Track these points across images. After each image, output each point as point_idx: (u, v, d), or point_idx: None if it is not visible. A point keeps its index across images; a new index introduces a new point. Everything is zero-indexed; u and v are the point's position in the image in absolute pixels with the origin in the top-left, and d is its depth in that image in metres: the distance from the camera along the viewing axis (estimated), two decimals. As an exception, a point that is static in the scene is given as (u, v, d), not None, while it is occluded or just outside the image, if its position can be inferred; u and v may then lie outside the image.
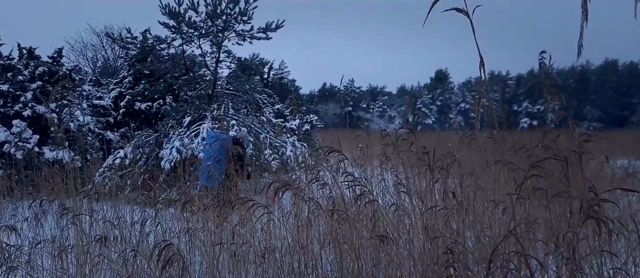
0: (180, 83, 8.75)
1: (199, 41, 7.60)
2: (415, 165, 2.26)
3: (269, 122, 9.92)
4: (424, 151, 2.20)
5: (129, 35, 7.56)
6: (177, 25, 7.02)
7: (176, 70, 8.45)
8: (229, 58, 8.42)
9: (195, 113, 8.21)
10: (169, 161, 7.07)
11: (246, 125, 8.02)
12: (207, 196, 5.86)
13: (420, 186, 2.59)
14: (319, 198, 2.40)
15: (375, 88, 56.57)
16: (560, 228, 1.56)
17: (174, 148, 7.21)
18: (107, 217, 3.33)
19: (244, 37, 7.66)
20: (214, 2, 6.81)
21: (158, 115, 8.84)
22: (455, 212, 1.83)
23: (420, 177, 2.37)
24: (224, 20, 7.20)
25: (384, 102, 53.48)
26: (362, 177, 2.96)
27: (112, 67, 15.44)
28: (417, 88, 54.57)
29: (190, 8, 6.83)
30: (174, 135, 7.66)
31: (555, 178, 1.54)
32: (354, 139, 4.63)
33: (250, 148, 7.54)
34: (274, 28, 7.57)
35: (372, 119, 48.75)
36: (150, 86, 8.50)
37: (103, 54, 17.89)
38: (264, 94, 10.37)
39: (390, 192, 3.18)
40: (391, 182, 3.56)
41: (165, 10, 6.67)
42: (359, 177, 3.72)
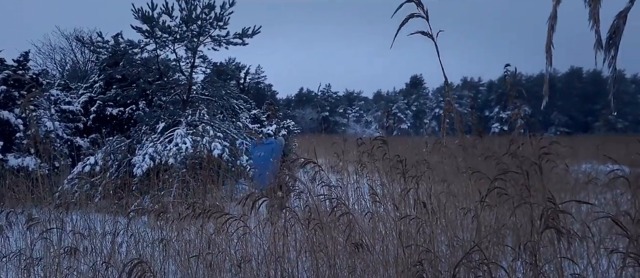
0: (154, 88, 8.58)
1: (173, 46, 7.49)
2: (389, 173, 2.31)
3: (245, 127, 9.85)
4: (398, 159, 2.25)
5: (100, 40, 7.37)
6: (150, 30, 6.89)
7: (150, 75, 8.28)
8: (205, 63, 8.32)
9: (170, 119, 8.07)
10: (141, 168, 6.91)
11: (222, 131, 7.94)
12: (181, 204, 5.77)
13: (394, 193, 2.65)
14: (295, 207, 2.41)
15: (351, 93, 57.05)
16: (525, 234, 1.64)
17: (147, 155, 7.06)
18: (77, 228, 3.23)
19: (219, 42, 7.60)
20: (188, 7, 6.73)
21: (130, 121, 8.63)
22: (427, 220, 1.88)
23: (395, 183, 2.43)
24: (199, 25, 7.12)
25: (361, 107, 53.98)
26: (338, 185, 2.99)
27: (82, 71, 14.96)
28: (392, 93, 55.40)
29: (165, 12, 6.73)
30: (147, 142, 7.49)
31: (521, 185, 1.62)
32: (331, 145, 4.67)
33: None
34: (251, 34, 7.55)
35: (348, 124, 49.10)
36: (123, 91, 8.30)
37: (72, 57, 17.32)
38: (240, 99, 10.29)
39: (365, 198, 3.23)
40: (366, 188, 3.61)
41: (138, 15, 6.55)
42: (335, 184, 3.76)
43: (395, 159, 2.26)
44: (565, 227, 1.25)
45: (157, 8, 6.62)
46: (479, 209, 1.58)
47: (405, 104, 49.82)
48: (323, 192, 2.29)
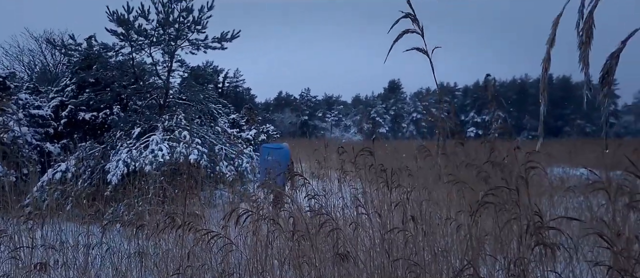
0: (129, 92, 8.35)
1: (149, 49, 7.31)
2: (373, 182, 2.31)
3: (224, 132, 9.70)
4: (381, 168, 2.25)
5: (73, 43, 7.11)
6: (125, 33, 6.71)
7: (125, 78, 8.05)
8: (182, 67, 8.16)
9: (146, 124, 7.86)
10: (116, 175, 6.70)
11: (200, 136, 7.79)
12: (158, 213, 5.62)
13: (378, 202, 2.64)
14: (279, 218, 2.37)
15: (330, 97, 57.25)
16: (508, 242, 1.66)
17: (122, 161, 6.84)
18: (48, 239, 3.08)
19: (198, 46, 7.47)
20: (166, 11, 6.59)
21: (104, 126, 8.36)
22: (413, 233, 1.88)
23: (378, 192, 2.42)
24: (177, 29, 6.99)
25: (340, 111, 54.23)
26: (322, 194, 2.97)
27: (52, 74, 14.41)
28: (371, 98, 55.89)
29: (141, 15, 6.56)
30: (122, 147, 7.27)
31: (505, 196, 1.64)
32: (313, 152, 4.65)
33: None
34: (230, 38, 7.45)
35: (328, 128, 49.23)
36: (96, 95, 8.04)
37: (41, 60, 16.68)
38: (219, 104, 10.14)
39: (348, 206, 3.22)
40: (349, 195, 3.60)
41: (113, 18, 6.36)
42: (319, 191, 3.73)
43: (379, 168, 2.26)
44: (552, 242, 1.27)
45: (133, 11, 6.45)
46: (469, 221, 1.59)
47: (384, 108, 50.37)
48: (308, 202, 2.26)
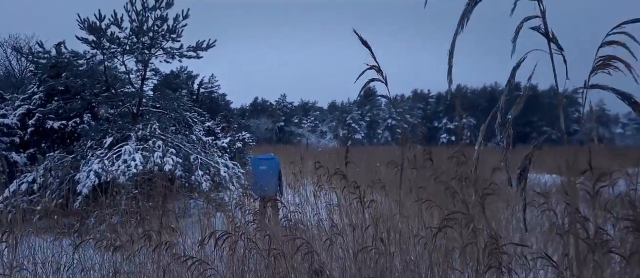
0: (101, 100, 8.16)
1: (122, 58, 7.19)
2: (347, 198, 2.39)
3: (199, 140, 9.59)
4: (355, 185, 2.33)
5: (41, 50, 6.91)
6: (97, 41, 6.58)
7: (96, 86, 7.87)
8: (157, 76, 8.06)
9: (118, 133, 7.70)
10: (86, 186, 6.53)
11: (175, 146, 7.70)
12: (131, 224, 5.54)
13: (353, 216, 2.73)
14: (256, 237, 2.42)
15: (307, 103, 57.38)
16: (472, 258, 1.78)
17: (92, 172, 6.68)
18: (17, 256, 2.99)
19: (172, 55, 7.41)
20: (139, 19, 6.51)
21: (74, 135, 8.13)
22: (384, 252, 1.98)
23: (352, 207, 2.51)
24: (151, 37, 6.91)
25: (316, 117, 54.41)
26: (298, 210, 3.03)
27: (18, 80, 13.87)
28: (347, 104, 56.37)
29: (113, 23, 6.46)
30: (93, 157, 7.10)
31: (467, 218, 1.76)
32: (289, 164, 4.71)
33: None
34: (205, 47, 7.42)
35: (304, 134, 49.26)
36: (65, 103, 7.82)
37: (6, 65, 16.03)
38: (194, 112, 10.03)
39: (323, 219, 3.29)
40: (325, 207, 3.67)
41: (84, 25, 6.23)
42: (295, 203, 3.78)
43: (353, 184, 2.34)
44: (507, 262, 1.38)
45: (105, 19, 6.34)
46: (432, 242, 1.70)
47: (359, 115, 50.90)
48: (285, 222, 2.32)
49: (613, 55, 1.14)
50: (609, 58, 1.15)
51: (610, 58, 1.15)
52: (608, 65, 1.16)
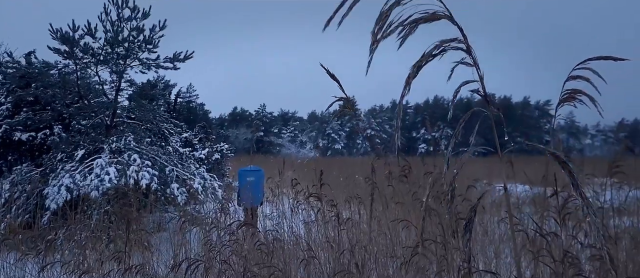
0: (73, 111, 7.91)
1: (96, 68, 7.01)
2: (323, 217, 2.37)
3: (175, 152, 9.40)
4: (332, 203, 2.32)
5: (9, 59, 6.67)
6: (70, 51, 6.39)
7: (68, 97, 7.63)
8: (132, 87, 7.88)
9: (90, 145, 7.46)
10: (56, 201, 6.28)
11: (150, 158, 7.52)
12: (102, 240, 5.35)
13: (328, 231, 2.71)
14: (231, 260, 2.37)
15: (286, 113, 57.29)
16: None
17: (63, 186, 6.44)
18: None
19: (148, 66, 7.27)
20: (114, 29, 6.37)
21: (43, 147, 7.83)
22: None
23: (329, 227, 2.49)
24: (126, 48, 6.77)
25: (296, 127, 54.35)
26: (275, 228, 2.99)
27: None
28: (326, 114, 56.57)
29: (87, 33, 6.30)
30: (63, 171, 6.84)
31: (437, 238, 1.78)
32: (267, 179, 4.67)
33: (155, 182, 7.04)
34: (183, 58, 7.32)
35: (283, 144, 49.05)
36: (34, 114, 7.54)
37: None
38: (170, 123, 9.84)
39: (301, 236, 3.26)
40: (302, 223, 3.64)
41: (56, 35, 6.05)
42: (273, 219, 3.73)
43: (330, 203, 2.33)
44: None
45: (79, 29, 6.18)
46: (408, 260, 1.70)
47: (339, 125, 51.14)
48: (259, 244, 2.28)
49: (578, 89, 1.19)
50: (574, 91, 1.20)
51: (576, 91, 1.19)
52: (573, 98, 1.20)
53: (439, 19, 1.22)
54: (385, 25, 1.21)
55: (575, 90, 1.20)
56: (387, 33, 1.21)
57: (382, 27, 1.21)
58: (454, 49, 1.24)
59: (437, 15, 1.21)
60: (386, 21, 1.21)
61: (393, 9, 1.20)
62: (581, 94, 1.17)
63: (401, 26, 1.21)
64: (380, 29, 1.21)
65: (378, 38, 1.21)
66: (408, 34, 1.20)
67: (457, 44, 1.24)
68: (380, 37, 1.22)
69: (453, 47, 1.23)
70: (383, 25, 1.21)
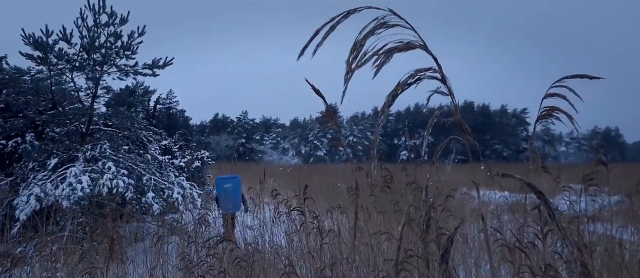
0: (46, 118, 7.64)
1: (71, 74, 6.81)
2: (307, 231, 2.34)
3: (154, 160, 9.19)
4: (314, 215, 2.29)
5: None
6: (43, 56, 6.19)
7: (41, 104, 7.38)
8: (109, 94, 7.69)
9: (64, 153, 7.22)
10: (25, 211, 6.03)
11: (127, 167, 7.32)
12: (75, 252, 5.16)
13: (310, 245, 2.68)
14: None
15: (268, 120, 57.03)
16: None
17: (33, 196, 6.19)
18: None
19: (126, 72, 7.11)
20: (91, 35, 6.21)
21: (14, 156, 7.54)
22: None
23: (310, 238, 2.46)
24: (103, 54, 6.60)
25: (278, 134, 54.13)
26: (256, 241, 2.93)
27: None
28: (309, 121, 56.59)
29: (62, 39, 6.11)
30: (35, 180, 6.59)
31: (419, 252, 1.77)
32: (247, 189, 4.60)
33: (131, 191, 6.86)
34: (162, 65, 7.19)
35: (265, 151, 48.75)
36: (5, 122, 7.26)
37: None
38: (149, 130, 9.64)
39: (282, 247, 3.21)
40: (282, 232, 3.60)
41: (28, 41, 5.85)
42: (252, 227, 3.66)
43: (312, 215, 2.30)
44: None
45: (53, 34, 5.99)
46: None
47: (321, 132, 51.19)
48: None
49: (555, 106, 1.21)
50: (552, 109, 1.22)
51: (553, 109, 1.22)
52: (551, 115, 1.22)
53: (413, 48, 1.23)
54: (360, 54, 1.21)
55: (552, 107, 1.22)
56: (362, 62, 1.22)
57: (357, 56, 1.21)
58: (429, 78, 1.25)
59: (411, 44, 1.22)
60: (361, 50, 1.21)
61: (367, 39, 1.20)
62: (559, 112, 1.20)
63: (376, 55, 1.21)
64: (355, 58, 1.21)
65: (353, 67, 1.21)
66: (383, 63, 1.20)
67: (432, 74, 1.25)
68: (355, 67, 1.22)
69: (428, 76, 1.24)
70: (358, 54, 1.21)
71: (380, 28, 1.19)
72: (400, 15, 1.20)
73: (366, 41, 1.21)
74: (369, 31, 1.21)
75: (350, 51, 1.22)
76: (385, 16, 1.21)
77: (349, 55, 1.22)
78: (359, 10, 1.20)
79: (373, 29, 1.20)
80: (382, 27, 1.19)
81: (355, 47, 1.21)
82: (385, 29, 1.19)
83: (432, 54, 1.24)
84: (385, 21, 1.20)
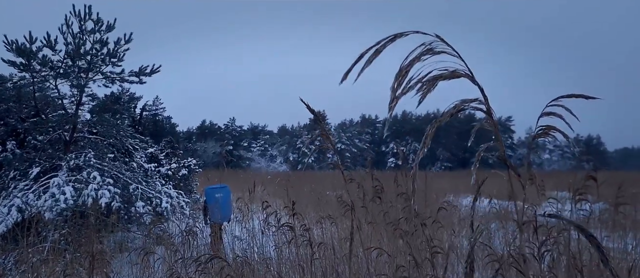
0: (28, 126, 7.46)
1: (55, 81, 6.67)
2: (297, 243, 2.31)
3: (140, 168, 9.03)
4: (304, 227, 2.27)
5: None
6: (26, 63, 6.06)
7: (24, 111, 7.21)
8: (94, 101, 7.55)
9: (47, 162, 7.05)
10: (5, 223, 5.85)
11: (112, 175, 7.18)
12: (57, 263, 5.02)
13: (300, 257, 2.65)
14: None
15: (256, 127, 56.81)
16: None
17: (15, 207, 6.02)
18: None
19: (112, 79, 7.00)
20: (76, 42, 6.10)
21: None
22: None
23: (300, 250, 2.43)
24: (89, 61, 6.49)
25: (266, 141, 53.93)
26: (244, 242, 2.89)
27: None
28: (297, 128, 56.54)
29: (46, 45, 5.99)
30: (15, 190, 6.41)
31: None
32: (236, 199, 4.55)
33: (117, 200, 6.72)
34: (149, 72, 7.10)
35: (253, 158, 48.48)
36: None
37: None
38: (135, 138, 9.48)
39: (272, 258, 3.17)
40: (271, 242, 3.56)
41: (11, 47, 5.72)
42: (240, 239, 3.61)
43: (302, 227, 2.28)
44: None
45: (37, 41, 5.87)
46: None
47: (310, 139, 51.18)
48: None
49: (552, 125, 1.22)
50: (548, 128, 1.23)
51: (549, 128, 1.22)
52: (547, 134, 1.23)
53: (459, 77, 1.20)
54: (405, 81, 1.17)
55: (549, 126, 1.23)
56: (407, 89, 1.18)
57: (401, 83, 1.17)
58: (474, 109, 1.23)
59: (457, 73, 1.19)
60: (405, 77, 1.17)
61: (413, 65, 1.15)
62: (555, 131, 1.21)
63: (420, 83, 1.17)
64: (399, 85, 1.17)
65: (397, 95, 1.17)
66: (428, 91, 1.17)
67: (478, 105, 1.23)
68: (400, 94, 1.18)
69: (473, 107, 1.22)
70: (402, 81, 1.17)
71: (426, 54, 1.16)
72: (447, 42, 1.17)
73: (411, 68, 1.17)
74: (415, 57, 1.17)
75: (395, 77, 1.18)
76: (432, 42, 1.17)
77: (394, 81, 1.18)
78: (405, 35, 1.16)
79: (419, 54, 1.16)
80: (428, 53, 1.16)
81: (401, 73, 1.16)
82: (431, 56, 1.16)
83: (478, 84, 1.21)
84: (432, 47, 1.16)
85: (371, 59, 1.15)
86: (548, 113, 1.23)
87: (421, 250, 2.31)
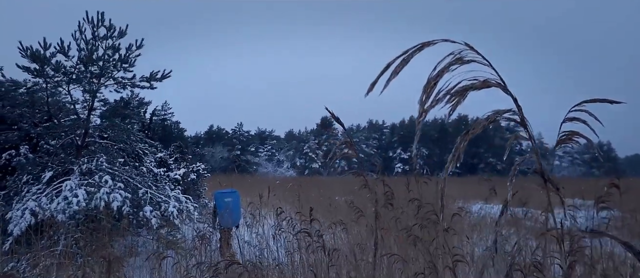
0: (41, 131, 7.56)
1: (68, 87, 6.76)
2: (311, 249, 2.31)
3: (149, 172, 9.09)
4: (318, 234, 2.26)
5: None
6: (40, 69, 6.15)
7: (37, 116, 7.31)
8: (106, 106, 7.64)
9: (59, 166, 7.13)
10: (19, 225, 5.91)
11: (123, 180, 7.24)
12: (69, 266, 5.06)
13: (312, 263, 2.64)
14: None
15: (263, 132, 56.97)
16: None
17: (28, 210, 6.08)
18: None
19: (124, 85, 7.08)
20: (89, 48, 6.19)
21: (8, 169, 7.43)
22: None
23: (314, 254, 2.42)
24: (101, 67, 6.57)
25: (273, 146, 54.04)
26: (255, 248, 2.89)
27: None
28: (304, 133, 56.59)
29: (59, 52, 6.09)
30: (29, 194, 6.49)
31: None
32: (247, 204, 4.55)
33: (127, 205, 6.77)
34: (160, 78, 7.17)
35: (260, 163, 48.58)
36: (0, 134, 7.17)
37: None
38: (145, 142, 9.56)
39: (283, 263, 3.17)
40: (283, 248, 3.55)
41: (26, 53, 5.81)
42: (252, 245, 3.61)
43: (315, 233, 2.27)
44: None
45: (51, 47, 5.96)
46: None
47: (316, 144, 51.18)
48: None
49: (576, 131, 1.20)
50: (572, 133, 1.22)
51: (573, 133, 1.21)
52: (571, 140, 1.22)
53: (490, 87, 1.16)
54: (433, 93, 1.14)
55: (572, 132, 1.21)
56: (435, 102, 1.15)
57: (430, 95, 1.14)
58: (507, 120, 1.20)
59: (488, 82, 1.15)
60: (434, 89, 1.14)
61: (442, 76, 1.12)
62: (579, 136, 1.19)
63: (449, 94, 1.14)
64: (428, 98, 1.14)
65: (426, 107, 1.15)
66: (458, 102, 1.14)
67: (511, 115, 1.20)
68: (428, 107, 1.15)
69: (506, 118, 1.20)
70: (431, 93, 1.14)
71: (455, 64, 1.13)
72: (477, 50, 1.13)
73: (440, 79, 1.13)
74: (444, 67, 1.14)
75: (422, 90, 1.15)
76: (461, 51, 1.13)
77: (422, 94, 1.15)
78: (434, 43, 1.13)
79: (448, 64, 1.13)
80: (457, 62, 1.12)
81: (429, 85, 1.13)
82: (460, 65, 1.12)
83: (512, 94, 1.17)
84: (461, 56, 1.13)
85: (398, 70, 1.13)
86: (571, 118, 1.21)
87: (435, 256, 2.29)
